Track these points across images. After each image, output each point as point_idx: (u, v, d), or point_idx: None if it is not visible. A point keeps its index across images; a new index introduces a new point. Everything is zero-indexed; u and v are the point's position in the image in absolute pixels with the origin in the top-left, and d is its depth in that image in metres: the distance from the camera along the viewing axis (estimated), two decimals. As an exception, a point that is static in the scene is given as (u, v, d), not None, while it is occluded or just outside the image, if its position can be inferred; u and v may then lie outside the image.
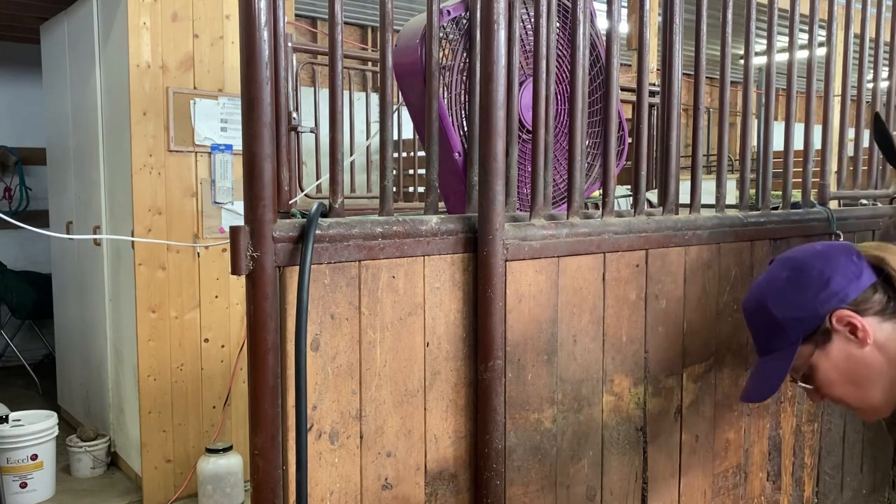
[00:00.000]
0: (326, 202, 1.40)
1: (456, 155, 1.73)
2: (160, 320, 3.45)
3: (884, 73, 2.41)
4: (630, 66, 7.50)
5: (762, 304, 1.29)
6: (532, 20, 1.78)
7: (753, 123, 3.05)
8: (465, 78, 1.75)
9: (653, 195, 2.65)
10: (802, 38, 2.27)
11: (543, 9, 1.65)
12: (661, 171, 1.90)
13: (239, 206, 3.56)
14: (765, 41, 2.11)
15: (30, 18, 4.49)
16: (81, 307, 4.16)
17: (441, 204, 1.76)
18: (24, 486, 3.47)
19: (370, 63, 4.90)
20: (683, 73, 1.87)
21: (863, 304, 1.22)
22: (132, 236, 3.34)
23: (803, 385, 1.30)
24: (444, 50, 1.73)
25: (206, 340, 3.58)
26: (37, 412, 3.71)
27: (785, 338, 1.25)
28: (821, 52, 2.34)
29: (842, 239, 2.20)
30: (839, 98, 2.35)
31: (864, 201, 2.57)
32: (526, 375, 1.57)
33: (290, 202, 1.83)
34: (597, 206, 1.99)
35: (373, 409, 1.38)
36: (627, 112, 5.11)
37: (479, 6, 1.55)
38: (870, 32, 2.37)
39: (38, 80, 4.97)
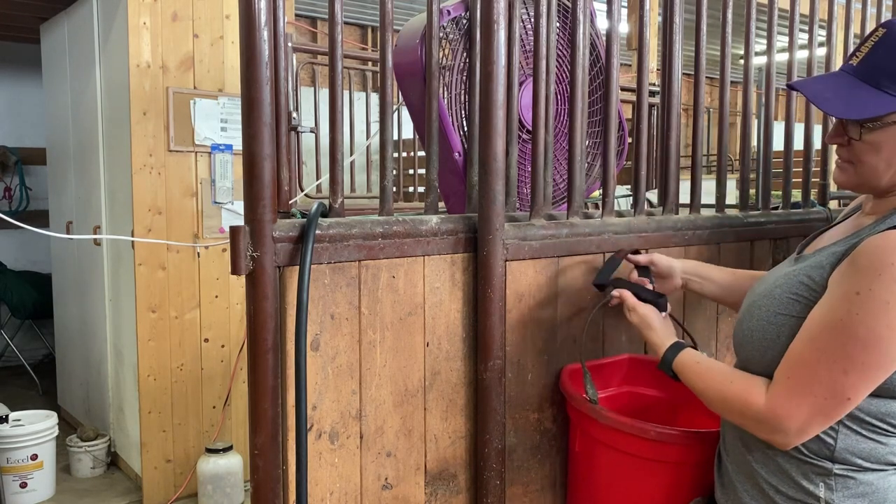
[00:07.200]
0: (326, 202, 1.40)
1: (456, 155, 1.73)
2: (160, 320, 3.45)
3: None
4: (630, 66, 7.50)
5: None
6: (532, 20, 1.78)
7: (753, 123, 3.04)
8: (465, 78, 1.75)
9: (653, 195, 2.65)
10: (802, 38, 2.27)
11: (543, 9, 1.65)
12: (661, 171, 1.90)
13: (239, 206, 3.56)
14: (765, 41, 2.11)
15: (30, 18, 4.49)
16: (81, 307, 4.16)
17: (441, 204, 1.76)
18: (24, 485, 3.47)
19: (370, 63, 4.91)
20: (683, 73, 1.87)
21: None
22: (132, 236, 3.34)
23: (848, 132, 1.23)
24: (444, 50, 1.73)
25: (206, 340, 3.58)
26: (37, 412, 3.70)
27: None
28: (821, 52, 2.33)
29: None
30: (839, 98, 2.34)
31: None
32: (526, 375, 1.57)
33: (290, 202, 1.83)
34: (597, 206, 1.99)
35: (373, 409, 1.38)
36: (627, 112, 5.11)
37: (479, 6, 1.55)
38: (870, 32, 2.37)
39: (38, 80, 4.98)
